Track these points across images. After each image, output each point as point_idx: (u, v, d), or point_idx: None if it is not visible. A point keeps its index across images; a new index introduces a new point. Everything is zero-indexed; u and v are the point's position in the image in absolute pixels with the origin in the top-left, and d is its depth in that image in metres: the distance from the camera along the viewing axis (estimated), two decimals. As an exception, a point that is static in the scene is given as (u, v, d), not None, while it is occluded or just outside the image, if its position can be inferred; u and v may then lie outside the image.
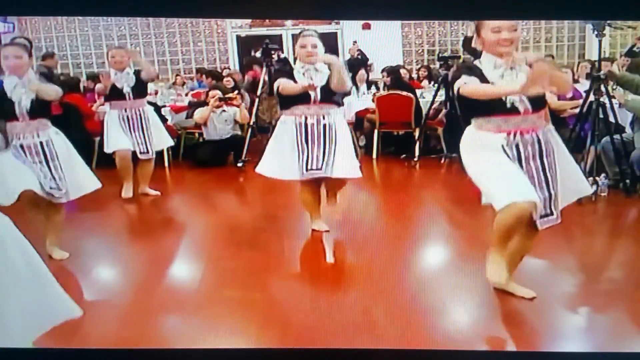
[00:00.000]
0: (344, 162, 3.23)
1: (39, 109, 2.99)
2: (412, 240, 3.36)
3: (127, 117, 4.20)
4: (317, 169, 3.21)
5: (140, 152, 4.25)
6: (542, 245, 2.58)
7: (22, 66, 2.93)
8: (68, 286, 2.89)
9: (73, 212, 3.16)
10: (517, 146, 2.29)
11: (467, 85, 2.25)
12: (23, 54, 2.94)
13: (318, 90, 3.18)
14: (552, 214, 2.32)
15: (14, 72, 2.93)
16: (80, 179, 3.12)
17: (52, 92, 3.02)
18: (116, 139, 4.22)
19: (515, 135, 2.28)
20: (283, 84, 3.21)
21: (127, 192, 4.25)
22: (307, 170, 3.21)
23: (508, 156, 2.29)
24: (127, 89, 4.18)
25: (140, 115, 4.23)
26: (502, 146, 2.28)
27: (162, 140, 4.49)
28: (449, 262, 3.14)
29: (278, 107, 5.52)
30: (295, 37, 3.33)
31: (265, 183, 3.34)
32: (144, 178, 4.40)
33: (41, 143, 2.97)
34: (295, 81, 3.19)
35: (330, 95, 3.21)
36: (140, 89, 4.26)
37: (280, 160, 3.27)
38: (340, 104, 3.30)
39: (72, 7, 1.95)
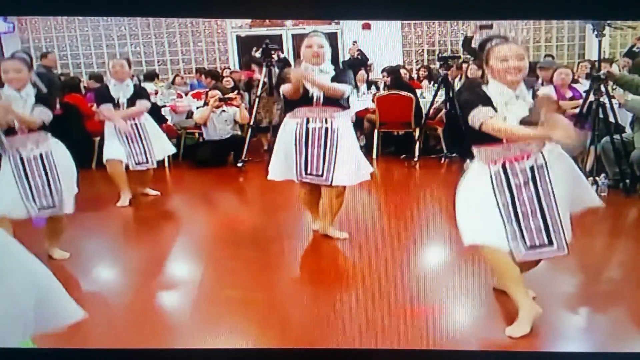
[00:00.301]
0: (346, 170, 3.17)
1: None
2: (412, 240, 3.36)
3: (121, 129, 4.14)
4: (316, 175, 3.17)
5: (137, 163, 4.19)
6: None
7: (21, 80, 2.92)
8: (68, 286, 2.89)
9: (73, 212, 3.15)
10: (506, 176, 2.24)
11: (492, 120, 2.19)
12: (23, 68, 2.93)
13: (321, 92, 3.12)
14: (551, 243, 2.25)
15: (13, 85, 2.92)
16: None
17: (41, 119, 2.95)
18: (109, 148, 4.18)
19: (504, 164, 2.24)
20: (283, 89, 3.16)
21: (123, 201, 4.18)
22: (306, 173, 3.17)
23: (496, 188, 2.25)
24: (122, 100, 4.13)
25: (137, 126, 4.17)
26: (490, 177, 2.25)
27: (164, 149, 4.44)
28: (449, 262, 3.14)
29: (276, 107, 5.55)
30: (299, 38, 3.28)
31: (265, 183, 3.33)
32: (144, 182, 4.39)
33: (41, 155, 2.96)
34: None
35: (334, 99, 3.14)
36: (136, 101, 4.20)
37: (282, 162, 3.23)
38: (345, 106, 3.22)
39: (72, 7, 1.95)
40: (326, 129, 3.13)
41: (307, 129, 3.14)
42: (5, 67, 2.92)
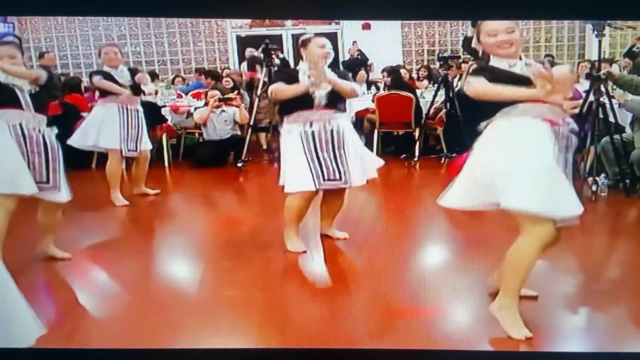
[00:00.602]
0: (357, 169, 3.13)
1: (39, 100, 2.96)
2: (412, 240, 3.36)
3: (126, 112, 4.13)
4: (334, 179, 3.07)
5: (128, 150, 4.18)
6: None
7: (16, 65, 2.88)
8: (68, 286, 2.91)
9: (73, 212, 3.15)
10: (557, 137, 2.13)
11: (489, 85, 2.13)
12: (16, 53, 2.89)
13: (323, 94, 3.06)
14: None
15: None
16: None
17: (40, 71, 2.95)
18: (108, 135, 4.13)
19: (554, 124, 2.14)
20: (277, 89, 3.07)
21: (120, 200, 4.18)
22: (324, 180, 3.06)
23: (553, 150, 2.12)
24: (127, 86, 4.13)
25: (136, 112, 4.18)
26: (550, 135, 2.12)
27: (147, 143, 4.38)
28: (449, 262, 3.14)
29: (276, 107, 5.53)
30: (303, 38, 3.12)
31: (265, 183, 3.33)
32: (140, 178, 4.39)
33: (43, 136, 2.92)
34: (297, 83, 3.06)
35: (335, 101, 3.10)
36: (135, 88, 4.21)
37: (295, 172, 3.09)
38: (343, 109, 3.17)
39: (72, 7, 1.95)
40: (331, 131, 3.07)
41: (313, 133, 3.06)
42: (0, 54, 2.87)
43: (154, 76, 7.09)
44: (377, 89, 6.44)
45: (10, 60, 2.87)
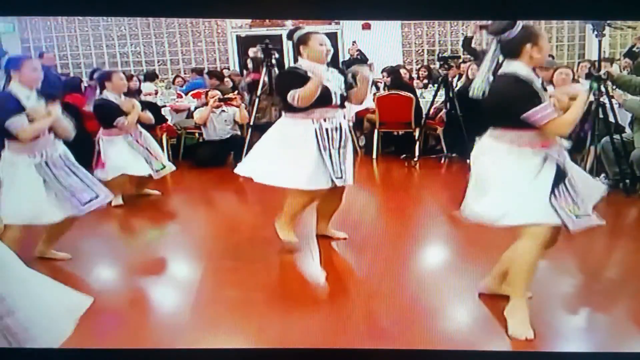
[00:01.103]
0: (351, 169, 3.12)
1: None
2: (412, 241, 3.36)
3: (135, 140, 4.12)
4: (340, 178, 3.04)
5: (156, 171, 4.19)
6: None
7: (40, 80, 2.94)
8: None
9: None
10: (545, 157, 2.22)
11: (557, 118, 2.15)
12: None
13: (339, 91, 3.05)
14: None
15: (34, 86, 2.91)
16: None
17: (70, 129, 3.01)
18: (140, 164, 4.11)
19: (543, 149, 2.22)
20: (304, 95, 2.95)
21: (116, 200, 4.12)
22: (337, 178, 3.03)
23: (543, 167, 2.21)
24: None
25: (143, 137, 4.18)
26: (541, 159, 2.21)
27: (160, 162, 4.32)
28: (449, 262, 3.14)
29: (275, 108, 5.52)
30: (300, 35, 3.10)
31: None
32: (145, 184, 4.39)
33: (60, 156, 2.94)
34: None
35: (344, 99, 3.09)
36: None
37: (308, 169, 3.00)
38: (345, 107, 3.16)
39: (72, 7, 1.95)
40: (339, 129, 3.05)
41: (328, 131, 3.01)
42: (36, 65, 2.93)
43: (154, 76, 7.10)
44: (377, 89, 6.44)
45: (40, 75, 2.92)
